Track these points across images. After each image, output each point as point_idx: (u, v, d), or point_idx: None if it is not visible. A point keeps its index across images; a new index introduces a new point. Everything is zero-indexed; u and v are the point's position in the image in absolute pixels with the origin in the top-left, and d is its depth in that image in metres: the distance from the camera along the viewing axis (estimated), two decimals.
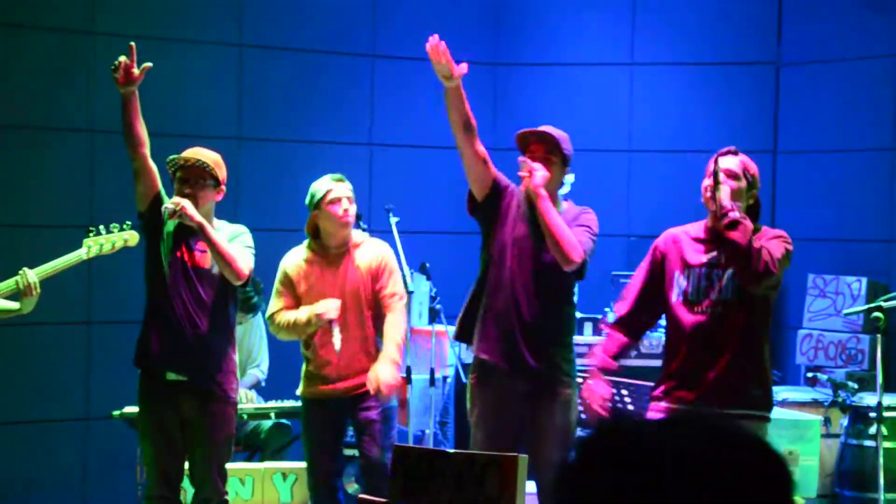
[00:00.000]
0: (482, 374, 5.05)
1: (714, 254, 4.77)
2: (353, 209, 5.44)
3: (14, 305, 5.48)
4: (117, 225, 5.56)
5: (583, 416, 5.18)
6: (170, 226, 5.29)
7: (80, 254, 5.50)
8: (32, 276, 5.39)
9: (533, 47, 8.24)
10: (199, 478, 5.29)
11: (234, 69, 7.59)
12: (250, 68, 7.61)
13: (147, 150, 5.18)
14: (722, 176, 4.72)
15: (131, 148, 5.19)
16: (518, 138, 5.00)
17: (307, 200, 5.43)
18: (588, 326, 6.98)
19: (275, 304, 5.49)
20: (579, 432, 5.24)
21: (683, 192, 6.28)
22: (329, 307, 5.32)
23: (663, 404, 4.78)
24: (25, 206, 7.01)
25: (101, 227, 5.56)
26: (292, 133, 7.08)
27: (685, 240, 4.86)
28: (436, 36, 4.77)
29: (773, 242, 4.70)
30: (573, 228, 4.91)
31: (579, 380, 5.12)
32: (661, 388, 4.83)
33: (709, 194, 4.73)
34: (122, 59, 4.99)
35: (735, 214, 4.63)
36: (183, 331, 5.20)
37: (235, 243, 5.22)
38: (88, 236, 5.55)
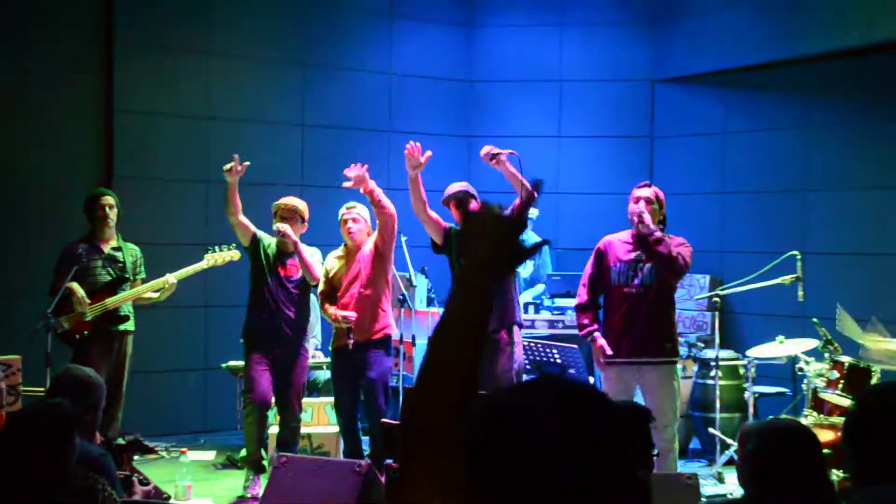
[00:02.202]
0: None
1: (638, 252, 5.21)
2: (356, 227, 5.88)
3: (155, 296, 6.39)
4: (227, 246, 6.33)
5: (524, 363, 5.61)
6: (272, 249, 5.97)
7: (202, 265, 6.34)
8: (172, 278, 6.32)
9: (495, 123, 9.02)
10: (284, 405, 6.00)
11: (298, 139, 8.45)
12: (309, 139, 8.41)
13: (240, 213, 5.81)
14: (642, 205, 5.14)
15: (230, 214, 5.82)
16: (444, 202, 5.72)
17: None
18: (531, 308, 7.56)
19: (320, 285, 6.11)
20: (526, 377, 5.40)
21: (591, 220, 7.57)
22: (349, 319, 5.81)
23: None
24: (164, 231, 7.84)
25: (216, 247, 6.39)
26: (336, 181, 6.40)
27: (617, 242, 5.31)
28: (411, 142, 5.52)
29: (682, 249, 5.17)
30: None
31: (524, 340, 5.69)
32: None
33: (636, 219, 5.16)
34: (233, 164, 5.72)
35: (658, 234, 5.09)
36: (278, 316, 5.95)
37: (312, 259, 6.02)
38: (208, 252, 6.35)
